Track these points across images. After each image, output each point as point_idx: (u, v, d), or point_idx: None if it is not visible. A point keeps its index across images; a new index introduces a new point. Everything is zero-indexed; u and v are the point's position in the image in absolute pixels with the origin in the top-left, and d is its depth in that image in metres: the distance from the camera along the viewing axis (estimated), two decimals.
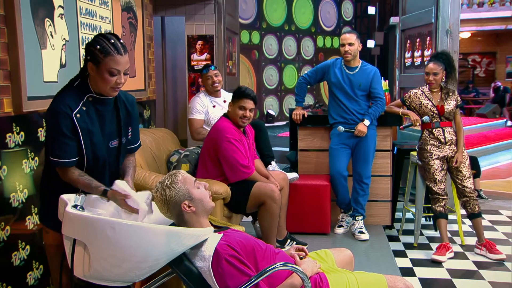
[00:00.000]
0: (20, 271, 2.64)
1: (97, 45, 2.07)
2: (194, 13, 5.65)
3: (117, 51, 2.08)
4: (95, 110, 2.18)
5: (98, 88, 2.15)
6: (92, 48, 2.09)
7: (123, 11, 4.04)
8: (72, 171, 2.13)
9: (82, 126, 2.12)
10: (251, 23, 14.54)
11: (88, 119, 2.14)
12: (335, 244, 4.09)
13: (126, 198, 2.04)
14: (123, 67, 2.12)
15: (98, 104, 2.19)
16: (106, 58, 2.07)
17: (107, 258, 1.85)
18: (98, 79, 2.11)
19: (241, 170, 3.51)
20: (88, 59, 2.10)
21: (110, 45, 2.08)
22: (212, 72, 4.29)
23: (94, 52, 2.08)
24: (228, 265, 1.88)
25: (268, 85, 15.29)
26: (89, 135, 2.14)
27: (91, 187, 2.11)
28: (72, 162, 2.12)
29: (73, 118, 2.09)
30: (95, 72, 2.10)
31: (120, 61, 2.09)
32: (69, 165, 2.12)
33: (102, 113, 2.21)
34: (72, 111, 2.09)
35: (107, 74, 2.09)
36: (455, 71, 4.18)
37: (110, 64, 2.07)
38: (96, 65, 2.08)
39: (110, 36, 2.12)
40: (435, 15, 5.38)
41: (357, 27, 17.24)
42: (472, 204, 4.00)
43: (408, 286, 2.15)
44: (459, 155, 3.99)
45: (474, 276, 3.62)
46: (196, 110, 4.29)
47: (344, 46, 4.18)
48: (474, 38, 17.24)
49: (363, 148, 4.26)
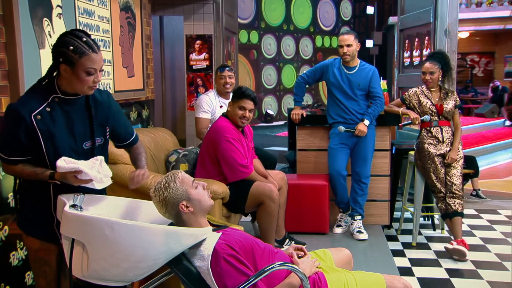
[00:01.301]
0: (19, 271, 2.64)
1: (70, 46, 1.95)
2: (193, 13, 5.65)
3: (91, 49, 1.98)
4: (61, 111, 2.06)
5: (72, 88, 2.04)
6: (63, 49, 1.96)
7: (122, 10, 4.04)
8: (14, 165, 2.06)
9: (42, 128, 2.00)
10: (250, 22, 14.55)
11: (50, 121, 2.02)
12: (333, 243, 4.09)
13: (77, 173, 1.94)
14: (99, 64, 2.01)
15: (64, 105, 2.07)
16: (81, 58, 1.95)
17: (105, 258, 1.85)
18: (74, 80, 1.99)
19: (240, 170, 3.51)
20: (60, 61, 1.97)
21: (84, 44, 1.97)
22: (227, 72, 4.29)
23: (66, 53, 1.95)
24: (227, 265, 1.88)
25: (266, 84, 15.30)
26: (50, 138, 2.02)
27: (36, 173, 2.02)
28: (16, 160, 2.04)
29: (31, 121, 1.98)
30: (70, 73, 1.98)
31: (96, 59, 1.99)
32: (12, 163, 2.05)
33: (70, 114, 2.08)
34: (32, 112, 1.98)
35: (84, 74, 1.97)
36: (452, 70, 4.19)
37: (87, 64, 1.96)
38: (71, 66, 1.96)
39: (79, 33, 2.00)
40: (433, 15, 5.38)
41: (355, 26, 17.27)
42: (456, 203, 3.95)
43: (407, 285, 2.16)
44: (452, 153, 3.99)
45: (472, 276, 3.63)
46: (203, 109, 4.29)
47: (343, 48, 4.18)
48: (472, 38, 17.26)
49: (362, 147, 4.26)
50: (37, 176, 2.02)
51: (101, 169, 2.01)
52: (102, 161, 2.03)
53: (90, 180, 1.97)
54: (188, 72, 5.75)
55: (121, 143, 2.36)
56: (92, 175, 1.97)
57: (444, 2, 5.26)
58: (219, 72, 4.33)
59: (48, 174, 2.00)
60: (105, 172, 2.02)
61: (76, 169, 1.94)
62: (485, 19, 14.81)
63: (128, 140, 2.36)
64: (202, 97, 4.40)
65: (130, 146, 2.38)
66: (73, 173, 1.95)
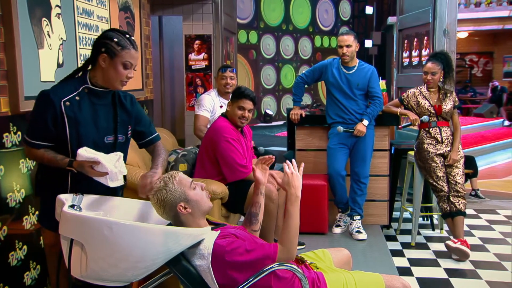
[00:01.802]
0: (17, 271, 2.63)
1: (114, 38, 2.13)
2: (192, 13, 5.65)
3: (132, 46, 2.16)
4: (89, 102, 2.19)
5: (106, 80, 2.18)
6: (107, 40, 2.13)
7: (121, 10, 4.04)
8: (36, 149, 2.17)
9: (70, 114, 2.13)
10: (249, 22, 14.55)
11: (78, 109, 2.15)
12: (333, 243, 4.09)
13: (95, 164, 2.04)
14: (135, 62, 2.19)
15: (93, 97, 2.20)
16: (122, 51, 2.13)
17: (104, 258, 1.85)
18: (110, 71, 2.14)
19: (239, 170, 3.51)
20: (101, 51, 2.13)
21: (127, 40, 2.15)
22: (228, 73, 4.31)
23: (110, 44, 2.12)
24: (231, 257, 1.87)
25: (265, 84, 15.30)
26: (75, 125, 2.14)
27: (56, 160, 2.12)
28: (38, 145, 2.15)
29: (60, 107, 2.11)
30: (108, 63, 2.13)
31: (134, 56, 2.17)
32: (34, 147, 2.16)
33: (96, 106, 2.21)
34: (62, 99, 2.12)
35: (120, 66, 2.14)
36: (453, 71, 4.19)
37: (126, 57, 2.14)
38: (111, 56, 2.12)
39: (123, 31, 2.20)
40: (432, 15, 5.39)
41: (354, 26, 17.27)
42: (460, 202, 3.96)
43: (406, 285, 2.16)
44: (453, 154, 3.99)
45: (471, 276, 3.63)
46: (205, 107, 4.30)
47: (342, 48, 4.18)
48: (471, 38, 17.27)
49: (361, 147, 4.26)
50: (57, 163, 2.12)
51: (118, 165, 2.09)
52: (121, 157, 2.12)
53: (105, 173, 2.05)
54: (187, 72, 5.74)
55: (141, 140, 2.45)
56: (108, 168, 2.05)
57: (443, 2, 5.27)
58: (221, 73, 4.34)
59: (67, 161, 2.11)
60: (121, 169, 2.10)
61: (95, 159, 2.04)
62: (484, 19, 14.81)
63: (147, 138, 2.44)
64: (204, 96, 4.42)
65: (150, 144, 2.46)
66: (90, 163, 2.04)
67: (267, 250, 1.92)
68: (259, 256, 1.90)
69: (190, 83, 5.76)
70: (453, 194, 3.96)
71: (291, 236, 1.97)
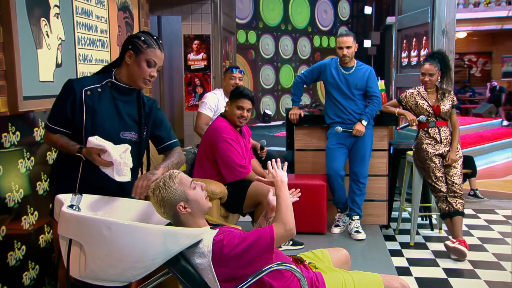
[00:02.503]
0: (16, 271, 2.63)
1: (142, 37, 2.24)
2: (191, 13, 5.65)
3: (158, 46, 2.26)
4: (110, 95, 2.28)
5: (129, 77, 2.26)
6: (135, 39, 2.24)
7: (119, 10, 4.04)
8: (53, 134, 2.26)
9: (88, 103, 2.22)
10: (248, 22, 14.55)
11: (97, 99, 2.24)
12: (331, 243, 4.09)
13: (101, 152, 2.09)
14: (159, 62, 2.27)
15: (115, 91, 2.29)
16: (147, 49, 2.22)
17: (103, 258, 1.84)
18: (134, 68, 2.23)
19: (238, 170, 3.51)
20: (128, 48, 2.23)
21: (153, 40, 2.25)
22: (238, 74, 4.35)
23: (137, 42, 2.23)
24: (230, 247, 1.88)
25: (264, 84, 15.30)
26: (92, 113, 2.22)
27: (68, 145, 2.20)
28: (55, 129, 2.25)
29: (80, 94, 2.21)
30: (133, 60, 2.23)
31: (159, 56, 2.26)
32: (52, 131, 2.26)
33: (117, 101, 2.29)
34: (83, 87, 2.22)
35: (144, 63, 2.22)
36: (451, 71, 4.18)
37: (150, 55, 2.22)
38: (136, 53, 2.22)
39: (152, 34, 2.31)
40: (431, 15, 5.39)
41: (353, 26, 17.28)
42: (458, 202, 3.96)
43: (404, 285, 2.16)
44: (452, 154, 3.99)
45: (470, 275, 3.63)
46: (208, 106, 4.32)
47: (342, 49, 4.18)
48: (470, 38, 17.29)
49: (360, 147, 4.26)
50: (68, 148, 2.21)
51: (124, 156, 2.11)
52: (128, 150, 2.15)
53: (111, 163, 2.09)
54: (186, 72, 5.75)
55: (160, 145, 2.48)
56: (114, 158, 2.08)
57: (442, 2, 5.27)
58: (230, 73, 4.36)
59: (77, 148, 2.18)
60: (126, 160, 2.12)
61: (102, 147, 2.09)
62: (483, 19, 14.83)
63: (166, 143, 2.47)
64: (209, 94, 4.44)
65: (168, 149, 2.48)
66: (98, 150, 2.09)
67: (263, 230, 1.93)
68: (256, 236, 1.90)
69: (189, 83, 5.76)
70: (450, 195, 3.96)
71: (283, 214, 1.99)
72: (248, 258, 1.88)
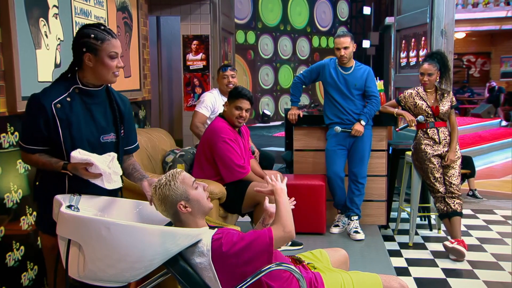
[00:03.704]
0: (15, 272, 2.63)
1: (91, 34, 2.08)
2: (190, 13, 5.65)
3: (110, 35, 2.12)
4: (81, 102, 2.15)
5: (98, 77, 2.14)
6: (85, 39, 2.09)
7: (118, 11, 4.03)
8: (31, 154, 2.14)
9: (61, 116, 2.09)
10: (247, 23, 14.55)
11: (69, 110, 2.11)
12: (330, 244, 4.09)
13: (88, 166, 2.01)
14: (119, 50, 2.15)
15: (85, 96, 2.16)
16: (103, 44, 2.09)
17: (102, 259, 1.84)
18: (99, 68, 2.11)
19: (237, 170, 3.51)
20: (84, 51, 2.09)
21: (103, 31, 2.11)
22: (229, 72, 4.33)
23: (89, 42, 2.08)
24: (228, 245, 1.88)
25: (263, 85, 15.30)
26: (68, 127, 2.10)
27: (51, 163, 2.10)
28: (33, 149, 2.13)
29: (51, 109, 2.07)
30: (94, 61, 2.10)
31: (116, 44, 2.13)
32: (29, 152, 2.13)
33: (90, 106, 2.17)
34: (52, 101, 2.08)
35: (107, 59, 2.10)
36: (450, 71, 4.19)
37: (109, 48, 2.10)
38: (94, 53, 2.09)
39: (97, 24, 2.15)
40: (430, 15, 5.39)
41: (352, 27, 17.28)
42: (456, 203, 3.96)
43: (403, 285, 2.16)
44: (451, 154, 3.99)
45: (469, 276, 3.64)
46: (205, 105, 4.32)
47: (340, 50, 4.18)
48: (468, 38, 17.30)
49: (359, 148, 4.26)
50: (52, 166, 2.10)
51: (112, 165, 2.06)
52: (115, 158, 2.09)
53: (99, 174, 2.03)
54: (185, 72, 5.74)
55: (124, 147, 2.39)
56: (102, 169, 2.02)
57: (441, 3, 5.27)
58: (222, 72, 4.35)
59: (61, 165, 2.08)
60: (115, 169, 2.08)
61: (88, 161, 2.01)
62: (481, 20, 14.84)
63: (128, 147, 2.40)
64: (206, 94, 4.45)
65: (129, 153, 2.42)
66: (84, 164, 2.01)
67: (262, 231, 1.94)
68: (255, 236, 1.92)
69: (188, 83, 5.76)
70: (448, 195, 3.97)
71: (283, 217, 2.00)
72: (246, 256, 1.89)
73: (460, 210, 3.95)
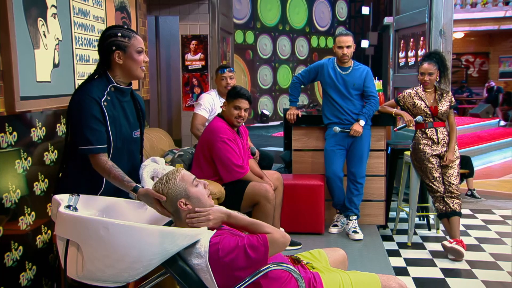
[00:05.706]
0: (13, 272, 2.62)
1: (118, 33, 2.25)
2: (188, 13, 5.64)
3: (134, 32, 2.30)
4: (117, 100, 2.29)
5: (127, 74, 2.28)
6: (113, 38, 2.24)
7: (117, 10, 4.03)
8: (105, 160, 2.18)
9: (109, 113, 2.22)
10: (245, 23, 14.55)
11: (113, 107, 2.25)
12: (329, 243, 4.09)
13: (161, 199, 2.00)
14: (143, 45, 2.33)
15: (119, 94, 2.31)
16: (130, 40, 2.26)
17: (100, 259, 1.84)
18: (129, 63, 2.25)
19: (235, 170, 3.51)
20: (113, 50, 2.23)
21: (127, 30, 2.29)
22: (228, 73, 4.31)
23: (117, 40, 2.24)
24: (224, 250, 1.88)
25: (262, 85, 15.30)
26: (114, 123, 2.23)
27: (123, 180, 2.14)
28: (104, 148, 2.18)
29: (101, 105, 2.19)
30: (124, 58, 2.25)
31: (141, 40, 2.31)
32: (102, 151, 2.18)
33: (123, 103, 2.33)
34: (100, 98, 2.20)
35: (136, 54, 2.26)
36: (448, 71, 4.20)
37: (136, 44, 2.27)
38: (124, 50, 2.24)
39: (118, 25, 2.34)
40: (428, 15, 5.40)
41: (351, 27, 17.29)
42: (455, 202, 3.96)
43: (402, 285, 2.16)
44: (450, 154, 4.00)
45: (467, 275, 3.64)
46: (204, 107, 4.31)
47: (342, 49, 4.18)
48: (467, 38, 17.32)
49: (358, 148, 4.26)
50: (122, 183, 2.14)
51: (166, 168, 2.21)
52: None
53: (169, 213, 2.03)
54: (184, 72, 5.74)
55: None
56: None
57: (439, 3, 5.28)
58: (220, 73, 4.34)
59: (133, 186, 2.12)
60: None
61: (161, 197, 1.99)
62: (480, 20, 14.86)
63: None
64: (204, 95, 4.43)
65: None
66: (157, 196, 2.00)
67: (258, 238, 1.94)
68: (251, 239, 1.92)
69: (187, 83, 5.76)
70: (447, 195, 3.97)
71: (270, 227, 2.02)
72: (242, 264, 1.90)
73: (459, 210, 3.95)
